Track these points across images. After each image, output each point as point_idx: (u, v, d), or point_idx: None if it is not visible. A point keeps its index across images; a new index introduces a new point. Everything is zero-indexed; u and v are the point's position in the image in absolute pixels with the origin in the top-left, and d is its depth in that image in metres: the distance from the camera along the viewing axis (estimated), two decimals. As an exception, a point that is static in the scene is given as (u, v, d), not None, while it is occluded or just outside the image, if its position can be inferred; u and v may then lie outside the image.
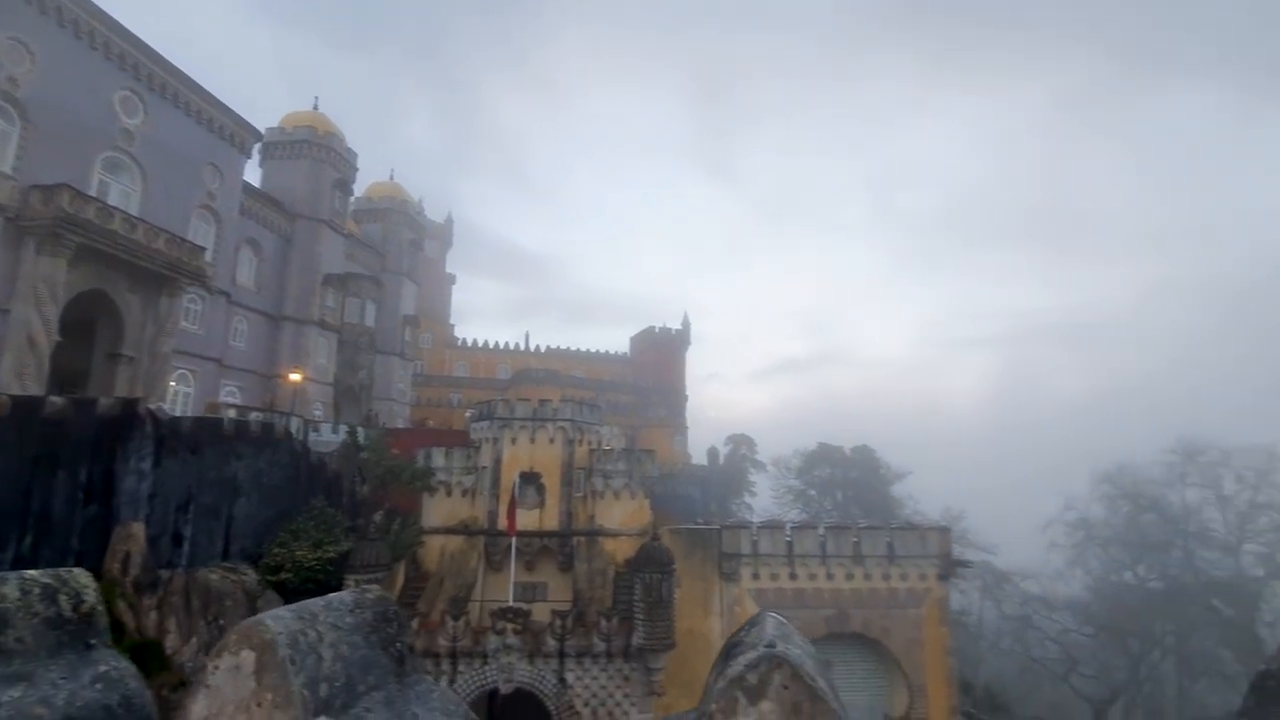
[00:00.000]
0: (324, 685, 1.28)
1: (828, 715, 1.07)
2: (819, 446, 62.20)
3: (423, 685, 1.51)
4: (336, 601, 1.50)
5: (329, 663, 1.31)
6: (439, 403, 65.21)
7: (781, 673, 1.10)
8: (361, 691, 1.35)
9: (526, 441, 27.68)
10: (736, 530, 27.17)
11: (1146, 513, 44.31)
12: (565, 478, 27.52)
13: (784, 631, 1.25)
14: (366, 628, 1.47)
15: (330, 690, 1.28)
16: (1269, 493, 40.74)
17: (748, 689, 1.10)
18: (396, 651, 1.52)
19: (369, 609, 1.54)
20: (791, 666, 1.10)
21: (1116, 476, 46.24)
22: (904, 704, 25.40)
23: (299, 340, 45.15)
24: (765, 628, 1.25)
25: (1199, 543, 42.16)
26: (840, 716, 1.07)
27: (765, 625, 1.27)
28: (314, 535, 23.55)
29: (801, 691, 1.09)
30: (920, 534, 27.68)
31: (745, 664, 1.11)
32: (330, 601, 1.49)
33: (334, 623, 1.39)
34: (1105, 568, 45.97)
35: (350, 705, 1.30)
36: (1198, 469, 43.01)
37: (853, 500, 57.21)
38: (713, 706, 1.09)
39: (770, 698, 1.09)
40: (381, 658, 1.47)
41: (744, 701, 1.09)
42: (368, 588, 1.73)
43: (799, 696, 1.09)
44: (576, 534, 26.88)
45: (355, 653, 1.38)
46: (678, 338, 77.10)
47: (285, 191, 46.58)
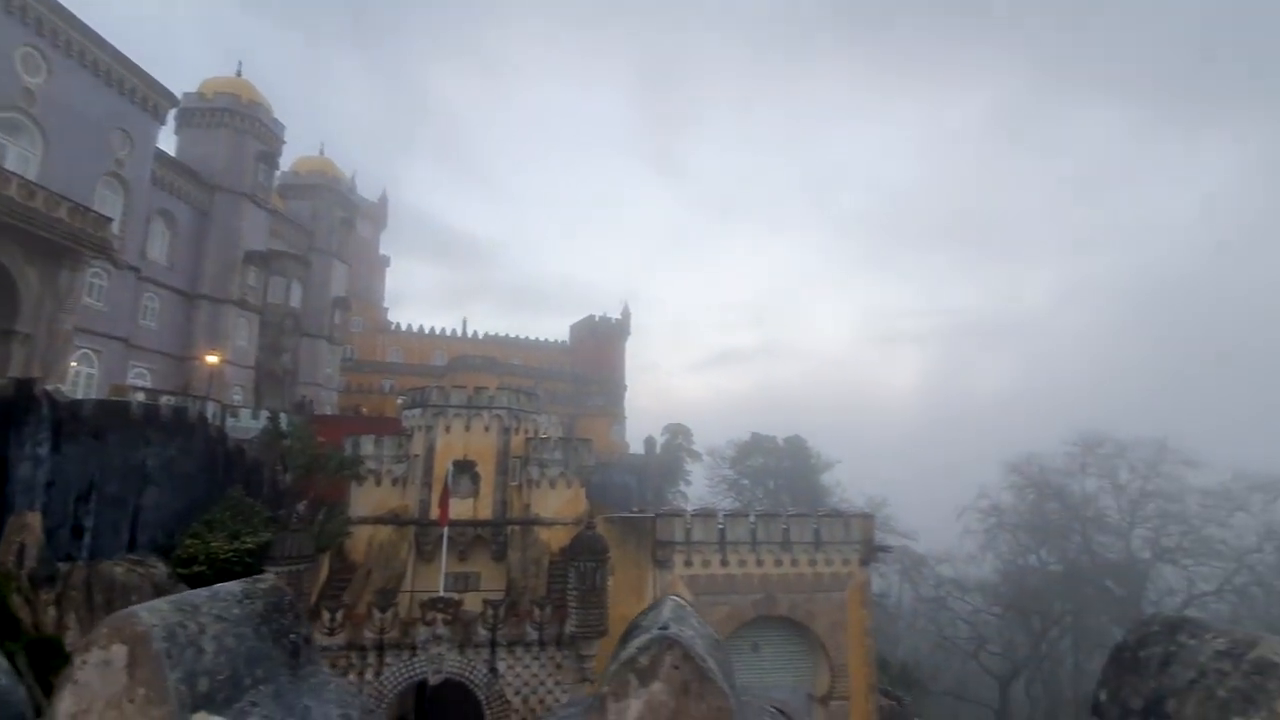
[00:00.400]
0: (204, 679, 1.21)
1: (715, 694, 1.10)
2: (752, 437, 63.65)
3: (318, 677, 1.46)
4: (223, 592, 1.42)
5: (211, 656, 1.24)
6: (370, 389, 63.10)
7: (673, 654, 1.12)
8: (248, 685, 1.29)
9: (461, 429, 27.16)
10: (670, 518, 27.51)
11: (1050, 500, 47.68)
12: (500, 466, 27.17)
13: (680, 614, 1.27)
14: (256, 619, 1.41)
15: (212, 684, 1.22)
16: (1157, 482, 44.53)
17: (639, 670, 1.12)
18: (290, 643, 1.47)
19: (260, 599, 1.47)
20: (683, 648, 1.12)
21: (1024, 467, 49.57)
22: (827, 683, 26.43)
23: (216, 320, 42.73)
24: (662, 611, 1.27)
25: (1095, 528, 45.73)
26: (727, 693, 1.10)
27: (663, 609, 1.29)
28: (231, 526, 22.46)
29: (691, 671, 1.11)
30: (845, 521, 28.77)
31: (638, 646, 1.12)
32: (216, 592, 1.41)
33: (219, 614, 1.32)
34: (1013, 552, 49.19)
35: (234, 699, 1.24)
36: (1096, 460, 46.61)
37: (784, 489, 58.89)
38: (605, 689, 1.10)
39: (661, 678, 1.11)
40: (272, 650, 1.41)
41: (635, 682, 1.11)
42: (260, 577, 1.65)
43: (688, 676, 1.11)
44: (511, 523, 26.63)
45: (242, 645, 1.31)
46: (618, 327, 77.10)
47: (203, 162, 43.82)
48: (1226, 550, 41.68)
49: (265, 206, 47.42)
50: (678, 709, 1.09)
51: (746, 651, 27.13)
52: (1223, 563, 41.72)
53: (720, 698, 1.10)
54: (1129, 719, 1.41)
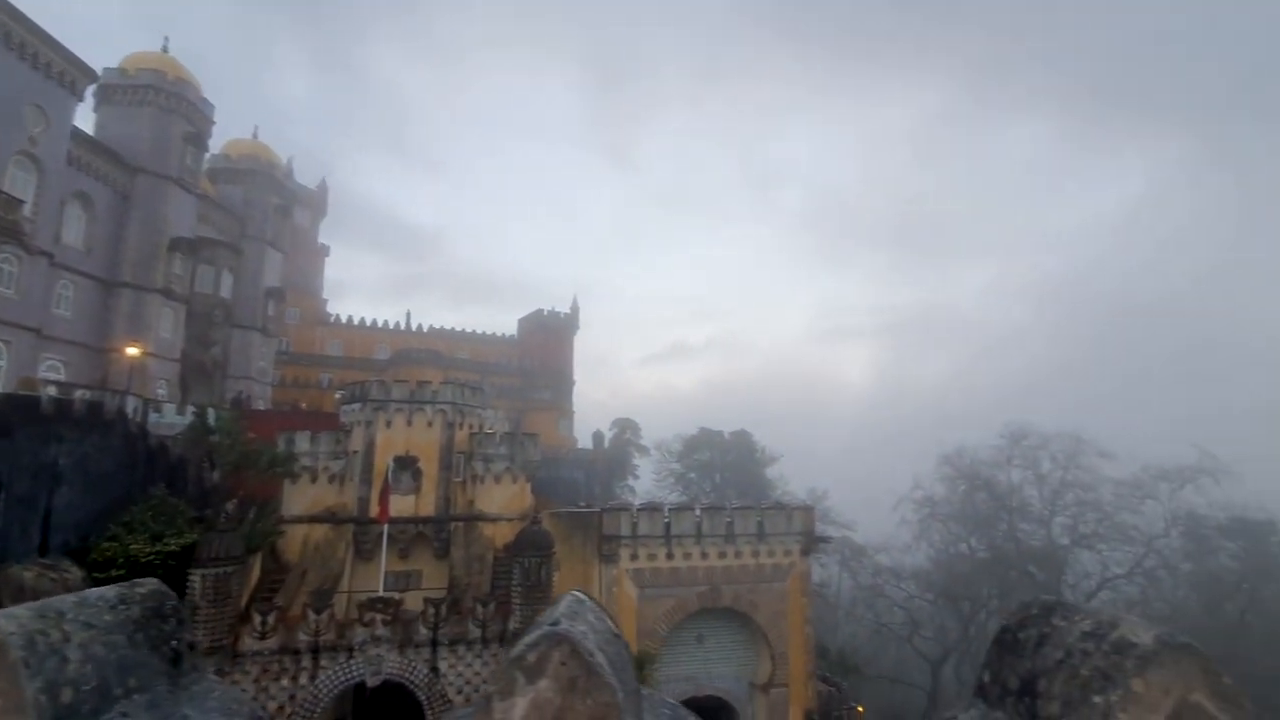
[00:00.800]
0: (68, 690, 1.13)
1: (603, 689, 1.10)
2: (700, 431, 64.35)
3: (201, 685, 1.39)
4: (94, 598, 1.33)
5: (76, 665, 1.17)
6: (307, 383, 60.86)
7: (560, 650, 1.12)
8: (119, 695, 1.21)
9: (403, 424, 26.52)
10: (617, 513, 27.58)
11: (979, 491, 50.08)
12: (444, 462, 26.67)
13: (576, 610, 1.27)
14: (131, 625, 1.33)
15: (76, 695, 1.14)
16: (1075, 472, 47.38)
17: (526, 668, 1.11)
18: (170, 650, 1.39)
19: (137, 605, 1.39)
20: (571, 644, 1.12)
21: (956, 459, 51.89)
22: (768, 672, 27.04)
23: (138, 310, 40.38)
24: (558, 607, 1.27)
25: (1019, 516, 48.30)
26: (615, 688, 1.10)
27: (560, 605, 1.28)
28: (152, 527, 21.32)
29: (579, 667, 1.11)
30: (787, 513, 29.43)
31: (526, 644, 1.12)
32: (85, 598, 1.32)
33: (87, 621, 1.24)
34: (945, 540, 51.43)
35: (102, 710, 1.17)
36: (1021, 452, 49.23)
37: (729, 482, 59.79)
38: (491, 688, 1.09)
39: (548, 675, 1.10)
40: (149, 658, 1.33)
41: (522, 680, 1.10)
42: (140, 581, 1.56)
43: (576, 672, 1.11)
44: (454, 519, 26.18)
45: (113, 653, 1.24)
46: (566, 321, 76.57)
47: (126, 142, 41.25)
48: (1137, 535, 44.65)
49: (193, 191, 45.02)
50: (564, 706, 1.09)
51: (691, 643, 27.49)
52: (1133, 547, 44.68)
53: (608, 694, 1.10)
54: (1006, 698, 1.49)
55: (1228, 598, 41.16)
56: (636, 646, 24.94)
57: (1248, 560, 41.73)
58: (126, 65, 43.47)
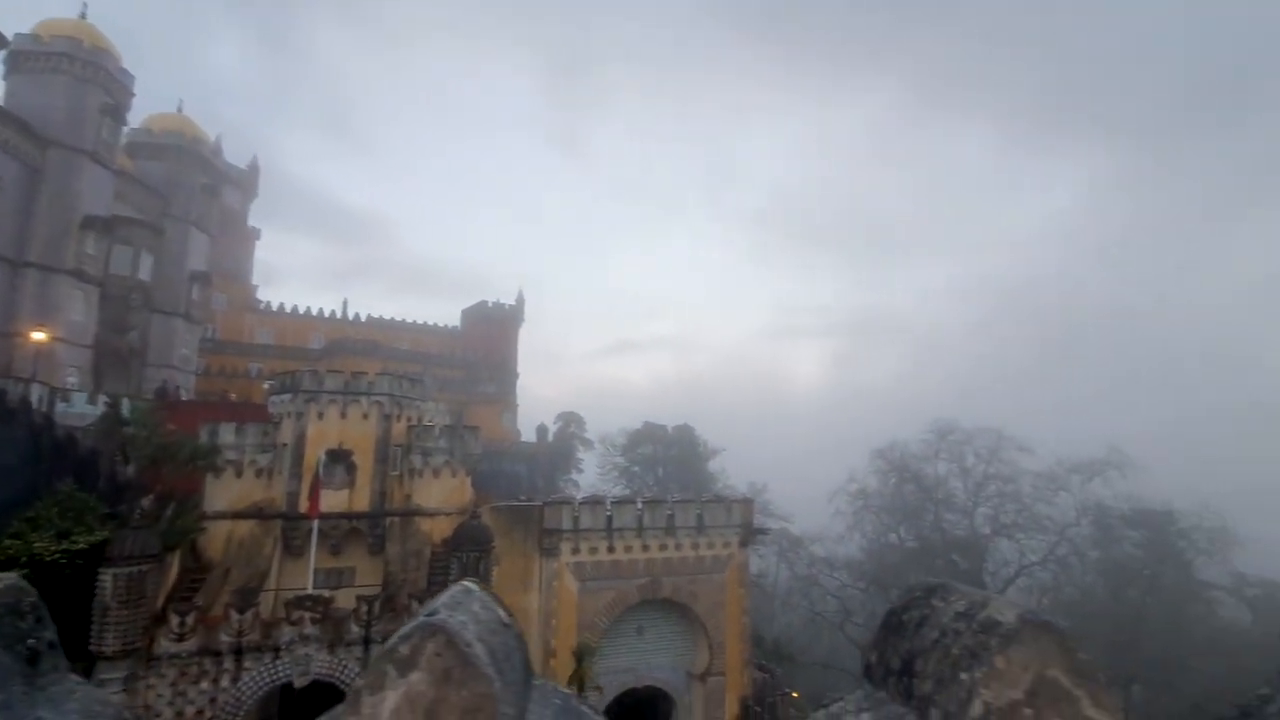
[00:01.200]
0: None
1: (478, 681, 1.08)
2: (644, 425, 64.67)
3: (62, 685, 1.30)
4: (-64, 597, 1.23)
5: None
6: (234, 373, 57.99)
7: (435, 641, 1.10)
8: (-40, 699, 1.12)
9: (336, 416, 25.64)
10: (559, 506, 27.45)
11: (909, 483, 52.27)
12: (380, 455, 25.93)
13: (460, 599, 1.25)
14: (-22, 625, 1.23)
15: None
16: (997, 465, 50.08)
17: (398, 661, 1.09)
18: (27, 649, 1.30)
19: (-13, 603, 1.29)
20: (447, 634, 1.10)
21: (888, 453, 54.01)
22: (705, 661, 27.49)
23: (46, 292, 37.65)
24: (441, 597, 1.24)
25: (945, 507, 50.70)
26: (492, 679, 1.09)
27: (444, 595, 1.26)
28: (59, 524, 19.94)
29: (454, 658, 1.09)
30: (726, 506, 29.94)
31: (400, 636, 1.09)
32: (-74, 597, 1.22)
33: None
34: (876, 531, 53.43)
35: (-61, 716, 1.08)
36: (947, 446, 51.66)
37: (672, 476, 60.36)
38: (359, 683, 1.06)
39: (421, 668, 1.08)
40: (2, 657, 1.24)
41: (393, 674, 1.07)
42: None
43: (451, 663, 1.09)
44: (390, 514, 25.51)
45: (-45, 655, 1.14)
46: (511, 314, 75.48)
47: (37, 113, 38.28)
48: (1051, 525, 47.53)
49: (109, 166, 42.18)
50: (437, 698, 1.07)
51: (631, 635, 27.67)
52: (1047, 536, 47.55)
53: (483, 684, 1.09)
54: (889, 679, 1.55)
55: (1130, 583, 44.26)
56: (576, 639, 24.94)
57: (1149, 549, 44.96)
58: (40, 31, 40.36)
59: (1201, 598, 43.34)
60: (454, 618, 1.15)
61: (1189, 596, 42.85)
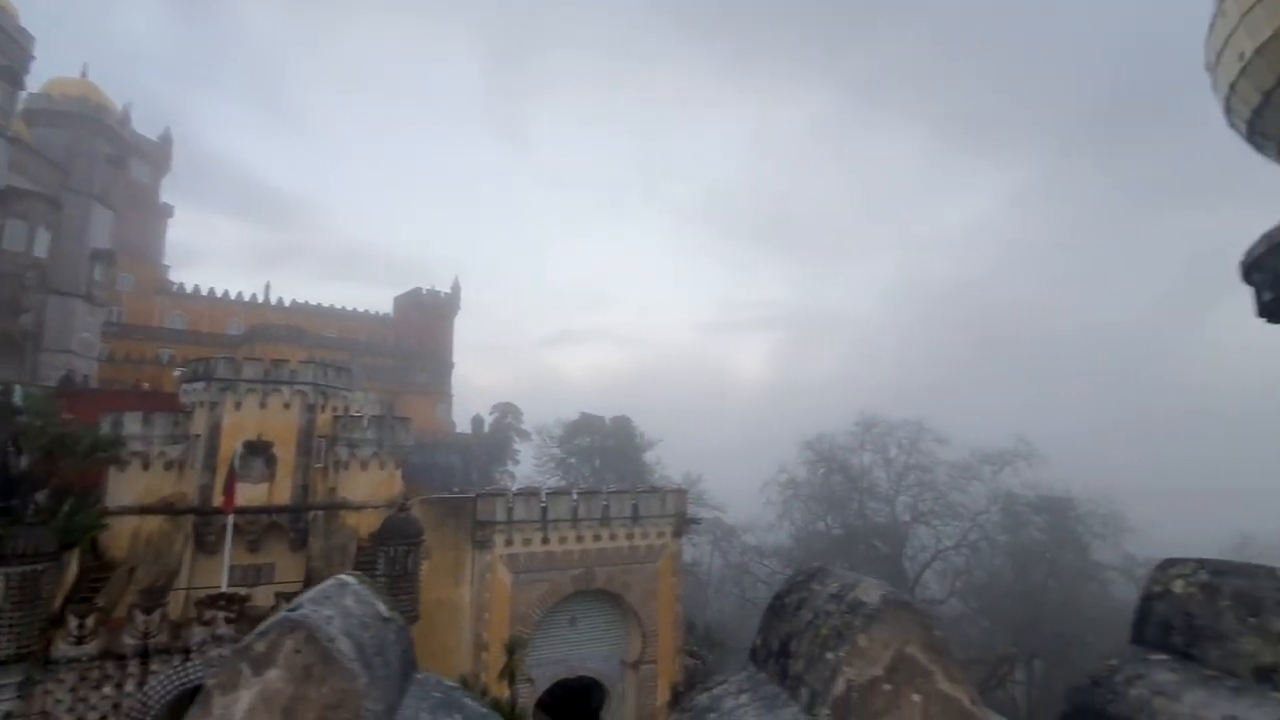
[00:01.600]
0: None
1: (341, 677, 1.07)
2: (581, 416, 64.51)
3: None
4: None
5: None
6: (143, 359, 54.30)
7: (294, 637, 1.07)
8: None
9: (255, 406, 24.44)
10: (492, 498, 27.07)
11: (836, 474, 54.35)
12: (303, 447, 24.90)
13: (329, 594, 1.22)
14: None
15: None
16: (917, 456, 52.72)
17: (254, 658, 1.06)
18: None
19: None
20: (307, 630, 1.08)
21: (817, 444, 55.94)
22: (638, 649, 27.79)
23: (-79, 268, 34.19)
24: (309, 592, 1.22)
25: (869, 496, 53.05)
26: (356, 675, 1.08)
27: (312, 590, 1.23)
28: (-64, 522, 18.27)
29: (315, 654, 1.07)
30: (661, 496, 30.26)
31: (257, 632, 1.06)
32: None
33: None
34: (805, 519, 55.30)
35: None
36: (872, 438, 54.01)
37: (609, 467, 60.52)
38: (211, 682, 1.03)
39: (279, 665, 1.05)
40: None
41: (248, 672, 1.04)
42: None
43: (311, 660, 1.07)
44: (313, 508, 24.57)
45: None
46: (447, 302, 73.63)
47: (-98, 66, 34.56)
48: (965, 512, 50.48)
49: (3, 134, 38.61)
50: (296, 696, 1.04)
51: (564, 626, 27.66)
52: (961, 522, 50.48)
53: (345, 680, 1.07)
54: (770, 659, 1.62)
55: (1034, 565, 47.58)
56: (509, 632, 24.74)
57: (1051, 533, 48.45)
58: (-90, -23, 36.40)
59: (1096, 578, 46.90)
60: (318, 612, 1.12)
61: (1085, 577, 46.34)
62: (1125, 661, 2.00)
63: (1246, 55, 4.83)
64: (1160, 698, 1.84)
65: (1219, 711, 1.74)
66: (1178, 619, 2.00)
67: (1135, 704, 1.85)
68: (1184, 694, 1.82)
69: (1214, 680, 1.85)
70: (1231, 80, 5.17)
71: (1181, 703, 1.80)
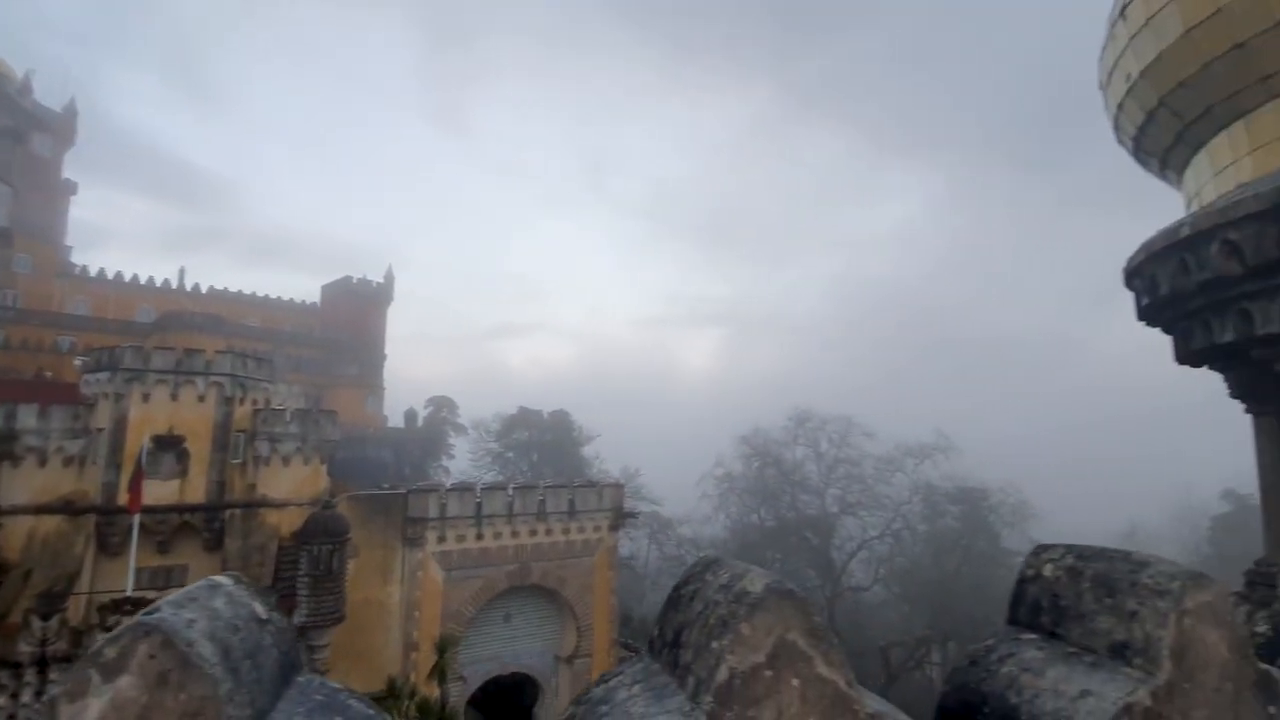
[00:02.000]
0: None
1: (201, 683, 1.03)
2: (519, 410, 63.79)
3: None
4: None
5: None
6: (41, 347, 50.20)
7: (149, 642, 1.03)
8: None
9: (165, 399, 23.04)
10: (424, 494, 26.47)
11: (770, 467, 55.76)
12: (219, 442, 23.67)
13: (195, 595, 1.18)
14: None
15: None
16: (846, 450, 54.74)
17: (104, 665, 1.01)
18: None
19: None
20: (163, 634, 1.03)
21: (752, 439, 57.27)
22: (573, 644, 27.80)
23: None
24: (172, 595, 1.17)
25: (800, 489, 54.71)
26: (217, 680, 1.04)
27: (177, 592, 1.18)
28: None
29: (172, 660, 1.03)
30: (598, 490, 30.32)
31: (109, 637, 1.01)
32: None
33: None
34: (740, 511, 56.53)
35: None
36: (804, 432, 55.67)
37: (547, 462, 60.13)
38: (56, 690, 0.98)
39: (132, 671, 1.01)
40: None
41: (97, 680, 1.00)
42: None
43: (168, 665, 1.03)
44: (230, 506, 23.41)
45: None
46: (379, 291, 71.27)
47: None
48: (889, 503, 52.78)
49: None
50: (150, 704, 1.00)
51: (499, 622, 27.37)
52: (885, 513, 52.76)
53: (208, 686, 1.03)
54: (665, 650, 1.66)
55: (949, 552, 50.28)
56: (441, 630, 24.28)
57: (966, 521, 51.32)
58: None
59: (1005, 564, 49.91)
60: (178, 615, 1.07)
61: (995, 563, 49.24)
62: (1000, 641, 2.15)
63: (1133, 77, 5.25)
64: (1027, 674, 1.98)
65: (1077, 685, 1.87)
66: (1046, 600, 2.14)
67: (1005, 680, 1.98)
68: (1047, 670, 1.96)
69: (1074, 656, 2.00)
70: (1119, 100, 5.60)
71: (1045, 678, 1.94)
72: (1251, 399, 5.47)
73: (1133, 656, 1.85)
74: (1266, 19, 4.44)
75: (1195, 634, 1.85)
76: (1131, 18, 5.16)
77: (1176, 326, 5.40)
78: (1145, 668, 1.80)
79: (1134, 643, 1.85)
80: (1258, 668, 1.95)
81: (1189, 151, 5.48)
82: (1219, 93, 4.86)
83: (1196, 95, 4.97)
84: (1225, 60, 4.65)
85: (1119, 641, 1.95)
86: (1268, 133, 4.68)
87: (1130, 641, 1.88)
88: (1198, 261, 4.52)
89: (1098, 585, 2.08)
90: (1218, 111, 4.97)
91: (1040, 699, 1.85)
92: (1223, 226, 4.32)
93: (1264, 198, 4.12)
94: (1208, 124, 5.09)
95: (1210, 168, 5.23)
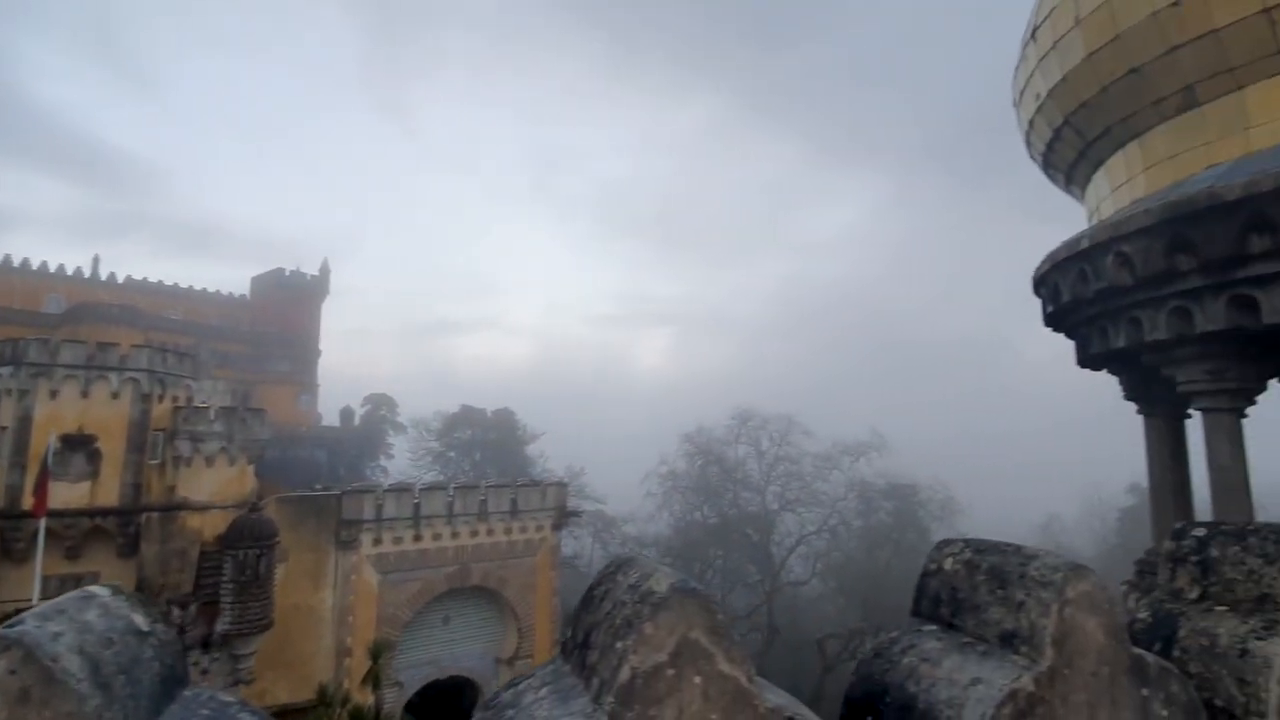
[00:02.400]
0: None
1: (65, 698, 0.98)
2: (461, 409, 62.55)
3: None
4: None
5: None
6: (-70, 338, 46.24)
7: (8, 657, 0.98)
8: None
9: (75, 395, 21.59)
10: (360, 495, 25.67)
11: (712, 465, 56.54)
12: (134, 442, 22.34)
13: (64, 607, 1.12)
14: None
15: None
16: (786, 448, 56.08)
17: (-43, 683, 0.95)
18: None
19: None
20: (24, 649, 0.98)
21: (696, 437, 57.96)
22: (514, 645, 27.50)
23: None
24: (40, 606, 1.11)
25: (742, 486, 55.72)
26: (84, 697, 1.00)
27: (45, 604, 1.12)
28: None
29: (33, 675, 0.98)
30: (541, 489, 30.07)
31: (-38, 655, 0.95)
32: None
33: None
34: (684, 509, 57.10)
35: None
36: (746, 431, 56.68)
37: (490, 461, 59.20)
38: (-103, 713, 0.91)
39: (-10, 688, 0.95)
40: None
41: (-50, 698, 0.94)
42: None
43: (29, 681, 0.98)
44: (147, 510, 22.11)
45: None
46: (314, 285, 68.55)
47: None
48: (826, 499, 54.38)
49: None
50: (11, 720, 0.95)
51: (437, 625, 26.81)
52: (822, 509, 54.35)
53: (73, 703, 0.99)
54: (575, 651, 1.68)
55: (881, 546, 52.23)
56: (375, 634, 23.60)
57: (897, 516, 53.41)
58: None
59: (934, 557, 52.21)
60: (42, 629, 1.02)
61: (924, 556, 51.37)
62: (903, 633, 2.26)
63: (1041, 96, 5.59)
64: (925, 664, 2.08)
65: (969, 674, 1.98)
66: (945, 593, 2.26)
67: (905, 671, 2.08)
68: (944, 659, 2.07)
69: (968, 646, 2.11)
70: (1030, 117, 5.96)
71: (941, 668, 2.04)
72: (1142, 401, 5.89)
73: (1020, 645, 1.97)
74: (1160, 46, 4.81)
75: (1075, 622, 1.98)
76: (1040, 40, 5.50)
77: (1077, 332, 5.78)
78: (1030, 655, 1.92)
79: (1021, 631, 1.97)
80: (1132, 653, 2.11)
81: (1090, 168, 5.88)
82: (1117, 113, 5.23)
83: (1097, 115, 5.34)
84: (1122, 83, 5.01)
85: (1008, 631, 2.07)
86: (1159, 152, 5.07)
87: (1018, 630, 2.00)
88: (1095, 271, 4.85)
89: (991, 578, 2.20)
90: (1116, 131, 5.35)
91: (936, 688, 1.96)
92: (1117, 239, 4.65)
93: (1153, 213, 4.46)
94: (1107, 143, 5.47)
95: (1108, 184, 5.63)
